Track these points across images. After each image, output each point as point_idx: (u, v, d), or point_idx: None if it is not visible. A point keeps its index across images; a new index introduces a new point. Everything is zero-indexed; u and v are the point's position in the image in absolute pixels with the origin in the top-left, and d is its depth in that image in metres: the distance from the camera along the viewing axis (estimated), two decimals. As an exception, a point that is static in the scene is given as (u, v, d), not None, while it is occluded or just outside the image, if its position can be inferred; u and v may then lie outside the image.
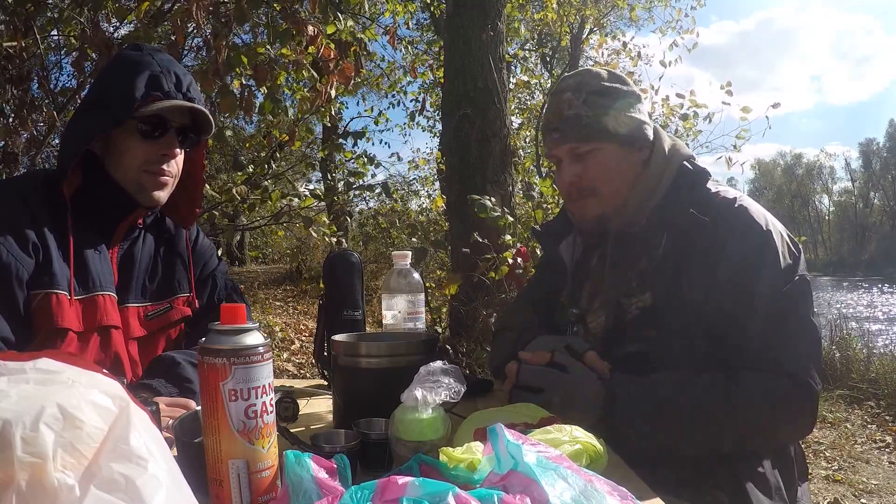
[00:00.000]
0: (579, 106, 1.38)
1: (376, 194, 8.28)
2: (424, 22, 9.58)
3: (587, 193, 1.42)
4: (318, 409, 1.42)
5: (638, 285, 1.36)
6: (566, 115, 1.39)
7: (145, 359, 1.41)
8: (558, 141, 1.41)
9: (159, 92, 1.30)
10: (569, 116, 1.39)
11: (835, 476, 3.65)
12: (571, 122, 1.38)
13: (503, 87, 4.89)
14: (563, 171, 1.43)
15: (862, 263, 59.19)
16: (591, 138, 1.38)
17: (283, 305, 8.69)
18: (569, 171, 1.42)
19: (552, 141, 1.43)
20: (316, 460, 0.68)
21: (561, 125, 1.40)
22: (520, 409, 1.10)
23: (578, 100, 1.38)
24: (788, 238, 1.32)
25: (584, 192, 1.42)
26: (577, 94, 1.39)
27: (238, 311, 0.75)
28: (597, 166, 1.40)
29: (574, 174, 1.41)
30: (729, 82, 6.36)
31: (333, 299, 1.57)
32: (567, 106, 1.39)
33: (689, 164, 1.40)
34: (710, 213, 1.32)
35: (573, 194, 1.44)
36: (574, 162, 1.41)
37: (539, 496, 0.62)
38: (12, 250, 1.21)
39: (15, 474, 0.49)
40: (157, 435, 0.60)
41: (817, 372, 1.23)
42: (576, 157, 1.41)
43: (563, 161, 1.43)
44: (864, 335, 6.28)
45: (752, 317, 1.23)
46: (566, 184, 1.44)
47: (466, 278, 4.13)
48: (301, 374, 5.53)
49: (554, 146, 1.43)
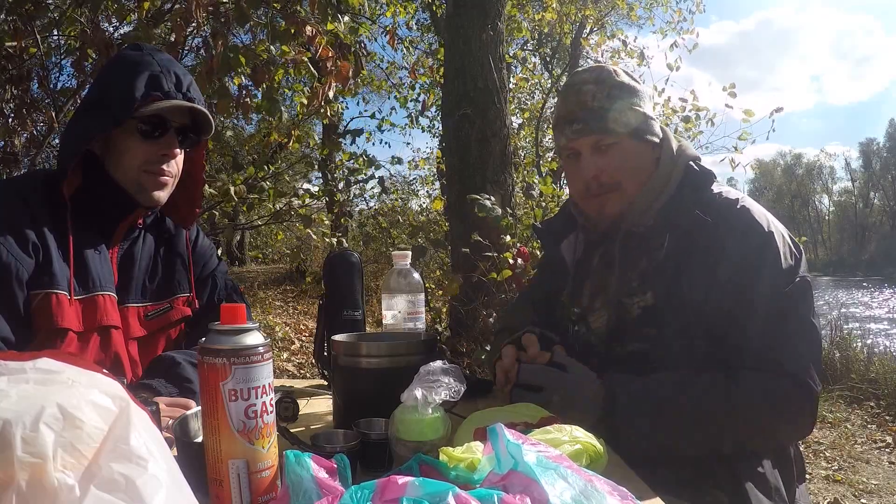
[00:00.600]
0: (603, 98, 1.36)
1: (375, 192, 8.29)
2: (424, 22, 9.57)
3: (610, 188, 1.39)
4: (318, 409, 1.42)
5: (639, 285, 1.36)
6: (591, 106, 1.36)
7: (145, 359, 1.41)
8: (580, 133, 1.38)
9: (159, 92, 1.30)
10: (593, 108, 1.36)
11: (835, 476, 3.65)
12: (596, 113, 1.36)
13: (503, 87, 4.89)
14: (584, 164, 1.39)
15: (862, 263, 59.19)
16: (616, 131, 1.36)
17: (283, 305, 8.68)
18: (591, 164, 1.38)
19: (572, 132, 1.39)
20: (316, 460, 0.68)
21: (584, 116, 1.37)
22: (520, 409, 1.10)
23: (602, 92, 1.36)
24: (790, 239, 1.32)
25: (606, 186, 1.39)
26: (599, 86, 1.37)
27: (238, 311, 0.75)
28: (620, 160, 1.37)
29: (597, 167, 1.38)
30: (732, 84, 6.33)
31: (333, 299, 1.57)
32: (591, 98, 1.36)
33: (696, 165, 1.40)
34: (713, 213, 1.31)
35: (594, 188, 1.40)
36: (597, 155, 1.38)
37: (539, 496, 0.62)
38: (12, 250, 1.21)
39: (15, 474, 0.49)
40: (157, 435, 0.60)
41: (817, 373, 1.23)
42: (598, 150, 1.38)
43: (582, 154, 1.40)
44: (864, 335, 6.28)
45: (753, 317, 1.23)
46: (587, 177, 1.40)
47: (466, 278, 4.12)
48: (301, 374, 5.53)
49: (574, 138, 1.39)
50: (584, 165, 1.40)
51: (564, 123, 1.41)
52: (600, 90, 1.37)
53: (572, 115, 1.39)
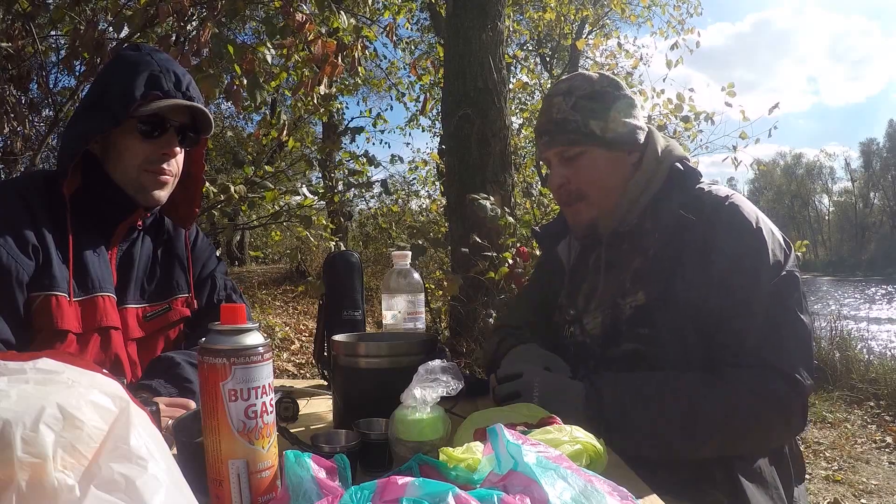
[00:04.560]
0: (567, 111, 1.40)
1: (376, 194, 8.28)
2: (425, 23, 9.57)
3: (576, 198, 1.44)
4: (318, 409, 1.42)
5: (632, 285, 1.37)
6: (555, 118, 1.42)
7: (144, 360, 1.41)
8: (547, 144, 1.45)
9: (159, 91, 1.30)
10: (557, 120, 1.41)
11: (835, 476, 3.65)
12: (559, 125, 1.41)
13: (503, 87, 4.89)
14: (553, 174, 1.46)
15: (862, 263, 59.21)
16: (577, 142, 1.40)
17: (283, 305, 8.68)
18: (557, 174, 1.45)
19: (542, 144, 1.47)
20: (316, 460, 0.68)
21: (550, 128, 1.43)
22: (520, 409, 1.10)
23: (567, 104, 1.40)
24: (780, 235, 1.32)
25: (573, 195, 1.44)
26: (567, 98, 1.41)
27: (238, 311, 0.75)
28: (584, 170, 1.42)
29: (562, 177, 1.44)
30: (731, 84, 6.35)
31: (333, 299, 1.57)
32: (556, 110, 1.42)
33: (681, 165, 1.41)
34: (702, 211, 1.32)
35: (563, 197, 1.47)
36: (562, 165, 1.44)
37: (539, 496, 0.62)
38: (12, 252, 1.20)
39: (15, 474, 0.49)
40: (157, 435, 0.60)
41: (807, 369, 1.22)
42: (564, 161, 1.43)
43: (551, 164, 1.46)
44: (864, 335, 6.28)
45: (742, 313, 1.23)
46: (555, 186, 1.47)
47: (466, 279, 4.13)
48: (301, 374, 5.53)
49: (544, 149, 1.47)
50: (553, 175, 1.46)
51: (538, 135, 1.49)
52: (567, 101, 1.41)
53: (542, 126, 1.46)
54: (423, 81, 8.22)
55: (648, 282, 1.34)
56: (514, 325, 1.64)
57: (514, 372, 1.29)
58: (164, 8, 2.84)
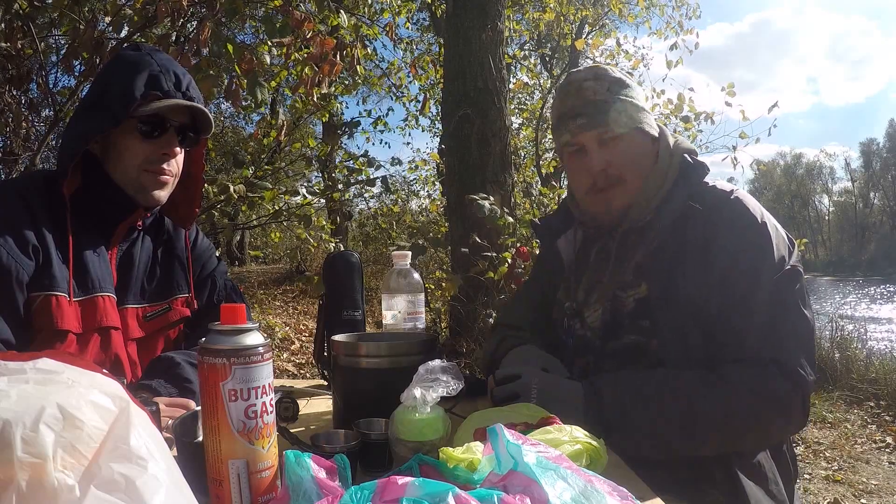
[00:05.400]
0: (604, 93, 1.37)
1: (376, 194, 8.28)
2: (424, 23, 9.58)
3: (615, 182, 1.39)
4: (318, 409, 1.42)
5: (634, 277, 1.37)
6: (593, 100, 1.37)
7: (144, 360, 1.41)
8: (584, 127, 1.38)
9: (159, 91, 1.30)
10: (596, 101, 1.37)
11: (835, 476, 3.65)
12: (599, 107, 1.37)
13: (503, 87, 4.90)
14: (592, 158, 1.39)
15: (862, 263, 59.20)
16: (619, 124, 1.36)
17: (283, 305, 8.68)
18: (599, 158, 1.38)
19: (576, 127, 1.39)
20: (316, 460, 0.68)
21: (587, 110, 1.37)
22: (520, 409, 1.10)
23: (602, 87, 1.38)
24: (784, 232, 1.33)
25: (613, 179, 1.39)
26: (598, 82, 1.38)
27: (238, 311, 0.75)
28: (624, 154, 1.38)
29: (604, 161, 1.38)
30: (731, 84, 6.36)
31: (333, 299, 1.57)
32: (592, 93, 1.38)
33: (690, 158, 1.41)
34: (706, 204, 1.32)
35: (600, 182, 1.40)
36: (602, 148, 1.39)
37: (539, 496, 0.62)
38: (12, 253, 1.20)
39: (15, 474, 0.49)
40: (157, 435, 0.60)
41: (809, 363, 1.22)
42: (604, 143, 1.38)
43: (587, 148, 1.40)
44: (863, 335, 6.27)
45: (743, 307, 1.23)
46: (595, 171, 1.40)
47: (466, 279, 4.13)
48: (301, 374, 5.53)
49: (578, 132, 1.39)
50: (591, 159, 1.39)
51: (568, 119, 1.41)
52: (600, 85, 1.38)
53: (575, 109, 1.39)
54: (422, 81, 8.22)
55: (651, 274, 1.33)
56: (513, 324, 1.63)
57: (512, 373, 1.29)
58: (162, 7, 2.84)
